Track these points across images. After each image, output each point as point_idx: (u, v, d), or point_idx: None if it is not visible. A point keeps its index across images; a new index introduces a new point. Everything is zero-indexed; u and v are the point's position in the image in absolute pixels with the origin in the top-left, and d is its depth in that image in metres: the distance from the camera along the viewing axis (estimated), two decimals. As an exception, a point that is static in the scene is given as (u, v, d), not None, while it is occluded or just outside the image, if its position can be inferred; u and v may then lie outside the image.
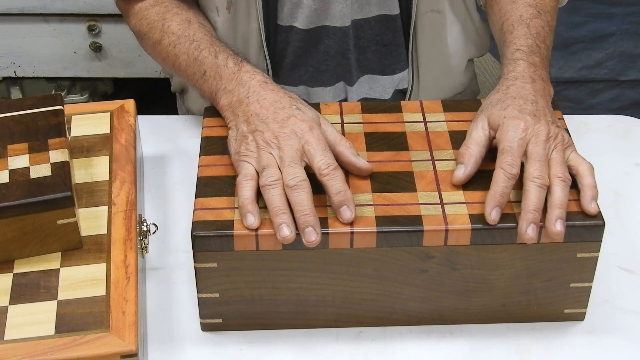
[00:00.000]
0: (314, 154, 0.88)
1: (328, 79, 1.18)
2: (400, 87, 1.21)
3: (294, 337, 0.92)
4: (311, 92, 1.20)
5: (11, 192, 0.85)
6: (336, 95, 1.20)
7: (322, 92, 1.20)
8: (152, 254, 0.99)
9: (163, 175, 1.10)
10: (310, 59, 1.17)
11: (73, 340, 0.80)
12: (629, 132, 1.17)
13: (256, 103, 0.93)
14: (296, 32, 1.14)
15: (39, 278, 0.86)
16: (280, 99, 0.93)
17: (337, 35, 1.15)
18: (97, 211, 0.92)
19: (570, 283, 0.90)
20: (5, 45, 1.85)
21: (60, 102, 0.97)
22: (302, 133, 0.89)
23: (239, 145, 0.92)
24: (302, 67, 1.17)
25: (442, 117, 0.99)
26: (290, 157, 0.88)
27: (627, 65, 2.15)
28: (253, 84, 0.96)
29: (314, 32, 1.14)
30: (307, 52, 1.16)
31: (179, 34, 1.07)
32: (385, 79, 1.20)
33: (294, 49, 1.16)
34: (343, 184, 0.86)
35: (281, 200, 0.85)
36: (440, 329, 0.92)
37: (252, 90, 0.95)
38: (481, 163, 0.91)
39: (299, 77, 1.18)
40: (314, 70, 1.17)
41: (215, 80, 1.00)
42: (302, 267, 0.87)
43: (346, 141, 0.92)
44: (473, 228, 0.85)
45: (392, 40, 1.16)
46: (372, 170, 0.91)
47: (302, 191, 0.85)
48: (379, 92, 1.21)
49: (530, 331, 0.92)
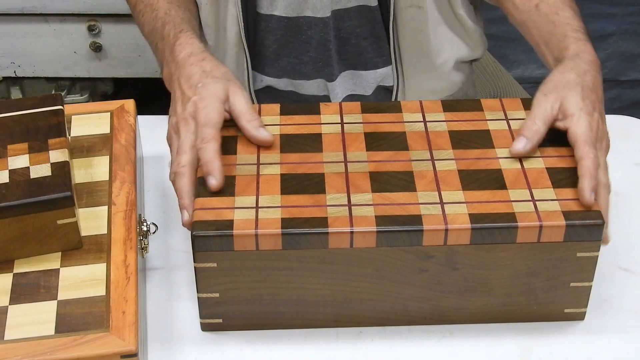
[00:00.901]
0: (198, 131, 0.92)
1: (310, 71, 1.18)
2: (384, 84, 1.20)
3: (294, 337, 0.92)
4: (296, 85, 1.20)
5: (11, 192, 0.85)
6: (320, 89, 1.20)
7: (305, 85, 1.20)
8: (152, 254, 0.99)
9: (163, 175, 1.10)
10: (291, 50, 1.17)
11: (73, 340, 0.80)
12: (629, 132, 1.17)
13: (176, 82, 0.97)
14: (277, 21, 1.14)
15: (39, 278, 0.86)
16: (193, 75, 0.96)
17: (318, 26, 1.15)
18: (97, 211, 0.92)
19: (570, 283, 0.90)
20: (5, 45, 1.85)
21: (60, 102, 0.97)
22: (196, 112, 0.93)
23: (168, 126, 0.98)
24: (284, 57, 1.17)
25: (442, 117, 0.99)
26: (182, 145, 0.92)
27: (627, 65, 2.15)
28: (180, 58, 0.98)
29: (295, 22, 1.14)
30: (288, 43, 1.16)
31: (147, 2, 1.09)
32: (368, 74, 1.20)
33: (275, 38, 1.16)
34: (210, 156, 0.89)
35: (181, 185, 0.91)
36: (440, 329, 0.92)
37: (178, 65, 0.98)
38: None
39: (282, 69, 1.19)
40: (296, 61, 1.17)
41: (161, 52, 1.03)
42: (302, 267, 0.87)
43: (250, 114, 0.94)
44: (473, 228, 0.85)
45: (371, 32, 1.16)
46: (271, 141, 0.94)
47: (181, 178, 0.91)
48: (362, 88, 1.21)
49: (530, 331, 0.92)
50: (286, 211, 0.87)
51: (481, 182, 0.90)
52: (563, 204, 0.87)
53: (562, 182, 0.90)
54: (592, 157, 0.87)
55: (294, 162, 0.93)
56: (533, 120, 0.91)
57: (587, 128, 0.89)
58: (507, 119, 0.98)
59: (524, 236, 0.86)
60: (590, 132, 0.89)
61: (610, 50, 2.12)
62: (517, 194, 0.88)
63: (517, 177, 0.90)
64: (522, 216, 0.86)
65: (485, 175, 0.91)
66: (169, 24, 1.03)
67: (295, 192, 0.89)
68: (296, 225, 0.86)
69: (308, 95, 1.22)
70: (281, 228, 0.85)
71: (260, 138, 0.94)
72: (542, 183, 0.90)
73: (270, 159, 0.94)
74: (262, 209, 0.87)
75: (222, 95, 0.94)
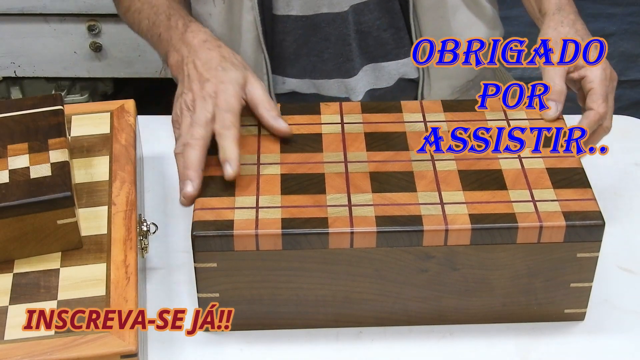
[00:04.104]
0: (217, 115, 0.92)
1: (331, 68, 1.18)
2: (407, 77, 1.20)
3: (294, 337, 0.92)
4: (317, 86, 1.19)
5: (11, 192, 0.85)
6: (341, 87, 1.19)
7: (326, 85, 1.19)
8: (152, 254, 0.99)
9: (163, 175, 1.10)
10: (311, 48, 1.17)
11: (73, 340, 0.80)
12: (629, 132, 1.17)
13: (191, 64, 0.98)
14: (294, 21, 1.14)
15: (39, 278, 0.86)
16: (211, 59, 0.97)
17: (336, 22, 1.14)
18: (97, 211, 0.92)
19: (570, 283, 0.90)
20: (5, 45, 1.85)
21: (60, 102, 0.97)
22: (216, 95, 0.93)
23: (174, 107, 0.98)
24: (303, 57, 1.17)
25: (442, 117, 0.99)
26: (197, 119, 0.92)
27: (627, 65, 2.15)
28: (194, 43, 0.99)
29: (312, 20, 1.14)
30: (307, 42, 1.16)
31: (144, 0, 1.10)
32: (389, 65, 1.20)
33: (294, 38, 1.16)
34: (230, 143, 0.90)
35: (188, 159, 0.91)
36: (440, 329, 0.92)
37: (192, 49, 0.99)
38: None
39: (303, 69, 1.18)
40: (317, 59, 1.17)
41: (167, 41, 1.04)
42: (302, 267, 0.87)
43: (269, 103, 0.95)
44: (473, 228, 0.85)
45: (392, 23, 1.16)
46: (290, 133, 0.94)
47: (191, 149, 0.90)
48: (385, 81, 1.20)
49: (530, 331, 0.92)
50: (286, 211, 0.87)
51: (481, 183, 0.90)
52: (563, 205, 0.87)
53: (562, 183, 0.90)
54: (601, 112, 0.94)
55: (294, 162, 0.93)
56: (553, 80, 0.95)
57: (602, 77, 0.94)
58: (507, 119, 0.98)
59: (524, 237, 0.86)
60: (605, 81, 0.94)
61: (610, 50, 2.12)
62: (517, 195, 0.88)
63: (517, 178, 0.91)
64: (522, 217, 0.86)
65: (485, 176, 0.91)
66: (175, 16, 1.05)
67: (295, 192, 0.89)
68: (296, 225, 0.86)
69: (330, 97, 1.21)
70: (281, 228, 0.85)
71: (278, 128, 0.94)
72: (542, 183, 0.90)
73: (270, 159, 0.94)
74: (263, 209, 0.87)
75: (241, 82, 0.95)
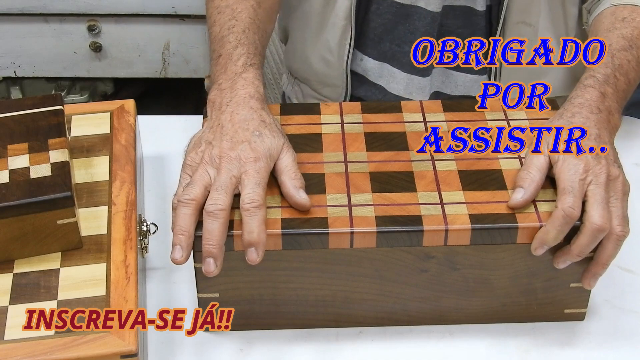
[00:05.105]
0: (245, 186, 0.84)
1: (407, 62, 1.18)
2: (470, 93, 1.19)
3: (294, 337, 0.92)
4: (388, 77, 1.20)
5: (11, 192, 0.85)
6: (409, 82, 1.20)
7: (398, 76, 1.20)
8: (152, 254, 0.99)
9: (163, 175, 1.10)
10: (395, 36, 1.17)
11: (73, 340, 0.80)
12: (629, 132, 1.17)
13: (228, 115, 0.90)
14: (389, 5, 1.15)
15: (39, 278, 0.86)
16: (251, 119, 0.90)
17: (427, 19, 1.15)
18: (97, 211, 0.92)
19: (570, 283, 0.90)
20: (5, 45, 1.85)
21: (60, 102, 0.97)
22: (246, 161, 0.86)
23: (191, 148, 0.90)
24: (386, 42, 1.18)
25: (442, 117, 0.99)
26: (221, 182, 0.84)
27: (627, 65, 2.14)
28: (240, 93, 0.92)
29: (406, 10, 1.15)
30: (394, 28, 1.17)
31: (229, 2, 1.03)
32: (458, 76, 1.20)
33: (383, 21, 1.16)
34: (259, 225, 0.83)
35: (186, 221, 0.83)
36: (440, 329, 0.92)
37: (234, 100, 0.92)
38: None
39: (383, 53, 1.19)
40: (398, 49, 1.18)
41: (221, 71, 0.96)
42: (302, 267, 0.87)
43: (294, 172, 0.88)
44: (473, 228, 0.85)
45: (472, 35, 1.16)
46: (309, 207, 0.86)
47: (215, 220, 0.82)
48: (449, 88, 1.20)
49: (530, 331, 0.92)
50: (286, 211, 0.87)
51: (481, 183, 0.90)
52: (563, 204, 0.87)
53: (562, 182, 0.90)
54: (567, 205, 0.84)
55: (294, 162, 0.93)
56: (527, 170, 0.88)
57: (574, 171, 0.86)
58: (507, 119, 0.98)
59: (524, 236, 0.86)
60: (576, 174, 0.85)
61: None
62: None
63: (517, 177, 0.90)
64: (522, 217, 0.86)
65: (485, 176, 0.91)
66: (244, 46, 0.97)
67: (295, 192, 0.89)
68: (296, 225, 0.86)
69: (393, 95, 1.21)
70: (281, 228, 0.85)
71: (298, 200, 0.86)
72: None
73: (270, 159, 0.93)
74: (269, 207, 0.87)
75: (275, 154, 0.88)
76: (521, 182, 0.87)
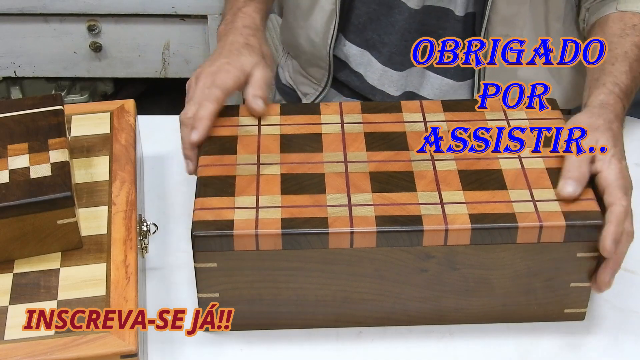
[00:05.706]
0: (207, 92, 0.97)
1: (386, 53, 1.19)
2: (445, 98, 1.19)
3: (294, 337, 0.92)
4: (366, 66, 1.21)
5: (11, 192, 0.85)
6: (383, 74, 1.20)
7: (375, 66, 1.21)
8: (152, 254, 0.99)
9: (163, 175, 1.10)
10: (377, 26, 1.18)
11: (73, 340, 0.80)
12: (629, 132, 1.17)
13: (223, 42, 1.04)
14: None
15: (39, 278, 0.86)
16: (237, 42, 1.03)
17: (405, 14, 1.16)
18: (97, 211, 0.92)
19: (570, 283, 0.90)
20: (5, 45, 1.85)
21: (60, 102, 0.97)
22: (217, 73, 0.99)
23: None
24: (369, 31, 1.19)
25: (442, 117, 0.99)
26: (191, 97, 0.98)
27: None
28: (237, 24, 1.06)
29: (389, 2, 1.16)
30: (377, 18, 1.18)
31: None
32: (434, 78, 1.20)
33: (367, 10, 1.18)
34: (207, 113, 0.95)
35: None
36: (440, 329, 0.92)
37: (232, 30, 1.06)
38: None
39: (366, 41, 1.21)
40: (378, 39, 1.19)
41: (228, 7, 1.12)
42: (302, 267, 0.88)
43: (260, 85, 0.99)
44: (473, 228, 0.85)
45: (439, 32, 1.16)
46: (260, 112, 0.98)
47: (184, 127, 0.96)
48: (426, 90, 1.20)
49: (530, 331, 0.92)
50: (286, 211, 0.87)
51: (481, 183, 0.90)
52: (563, 205, 0.87)
53: (562, 182, 0.90)
54: (625, 205, 0.86)
55: (294, 162, 0.93)
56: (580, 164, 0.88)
57: (619, 173, 0.88)
58: (507, 119, 0.98)
59: (524, 236, 0.86)
60: (622, 178, 0.87)
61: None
62: (517, 194, 0.88)
63: (517, 177, 0.90)
64: (522, 216, 0.86)
65: (485, 176, 0.91)
66: None
67: (295, 192, 0.89)
68: (296, 225, 0.86)
69: (369, 85, 1.22)
70: (281, 228, 0.85)
71: (252, 106, 0.98)
72: (542, 183, 0.90)
73: (270, 159, 0.94)
74: (262, 209, 0.87)
75: (248, 68, 1.00)
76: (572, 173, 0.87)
